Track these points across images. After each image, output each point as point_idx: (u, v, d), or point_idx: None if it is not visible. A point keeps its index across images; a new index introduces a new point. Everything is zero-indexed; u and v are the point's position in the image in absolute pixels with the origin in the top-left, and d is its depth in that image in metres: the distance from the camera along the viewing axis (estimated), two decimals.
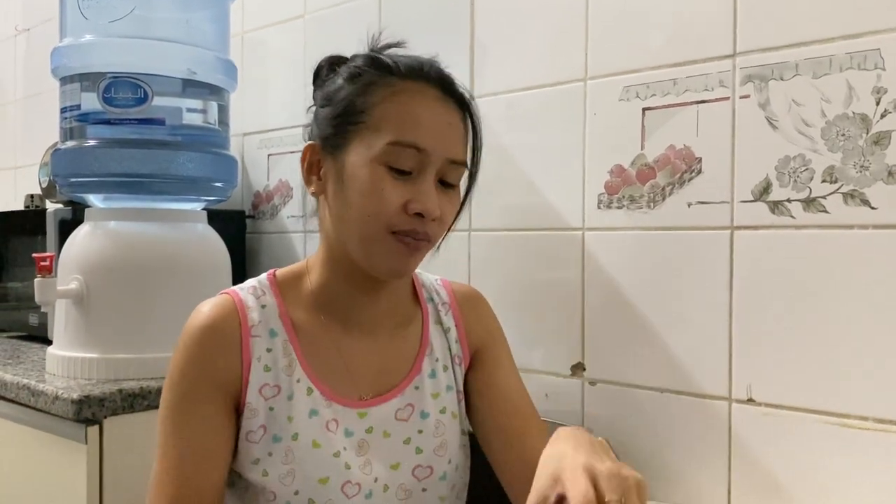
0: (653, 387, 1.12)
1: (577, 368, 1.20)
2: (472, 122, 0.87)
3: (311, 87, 0.92)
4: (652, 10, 1.12)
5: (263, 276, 0.91)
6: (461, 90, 0.86)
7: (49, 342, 1.40)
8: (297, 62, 1.68)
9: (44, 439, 1.24)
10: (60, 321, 1.33)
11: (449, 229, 0.87)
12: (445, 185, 0.84)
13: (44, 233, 1.60)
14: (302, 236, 1.68)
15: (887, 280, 0.92)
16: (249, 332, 0.84)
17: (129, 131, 1.31)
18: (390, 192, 0.79)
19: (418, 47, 0.90)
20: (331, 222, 0.85)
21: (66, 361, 1.28)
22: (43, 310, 1.32)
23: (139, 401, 1.20)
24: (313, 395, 0.84)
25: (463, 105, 0.86)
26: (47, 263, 1.25)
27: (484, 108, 1.31)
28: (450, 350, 0.93)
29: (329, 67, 0.89)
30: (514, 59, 1.29)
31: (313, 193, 0.87)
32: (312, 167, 0.86)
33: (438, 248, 0.87)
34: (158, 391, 1.22)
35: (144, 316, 1.29)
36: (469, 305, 0.98)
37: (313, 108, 0.89)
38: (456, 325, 0.95)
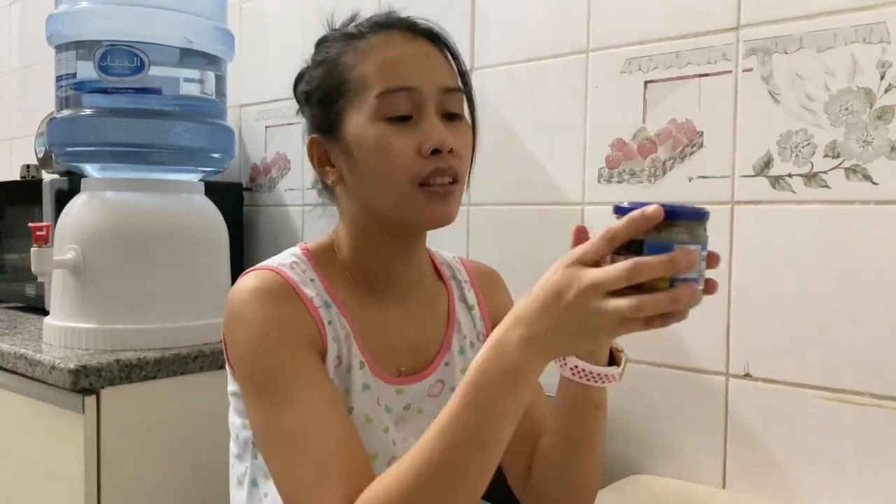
0: (650, 361, 1.12)
1: None
2: (449, 49, 0.85)
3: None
4: None
5: (297, 250, 0.87)
6: (427, 24, 0.85)
7: (46, 312, 1.40)
8: (295, 33, 1.66)
9: (41, 409, 1.25)
10: (57, 291, 1.32)
11: (472, 163, 0.85)
12: (450, 117, 0.82)
13: (40, 203, 1.59)
14: (300, 210, 1.68)
15: (887, 256, 0.92)
16: (312, 302, 0.81)
17: (126, 100, 1.29)
18: (399, 141, 0.78)
19: (418, 15, 0.88)
20: (355, 199, 0.84)
21: (64, 332, 1.28)
22: (39, 280, 1.31)
23: (136, 371, 1.20)
24: (364, 369, 0.83)
25: (433, 36, 0.84)
26: (44, 233, 1.24)
27: (485, 79, 1.31)
28: (475, 327, 0.94)
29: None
30: (515, 30, 1.27)
31: (333, 183, 0.85)
32: (322, 159, 0.85)
33: (468, 184, 0.85)
34: (156, 361, 1.22)
35: (142, 286, 1.28)
36: (488, 283, 0.98)
37: (302, 108, 0.88)
38: (478, 303, 0.95)
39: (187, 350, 1.27)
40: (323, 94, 0.83)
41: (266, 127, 1.75)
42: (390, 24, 0.83)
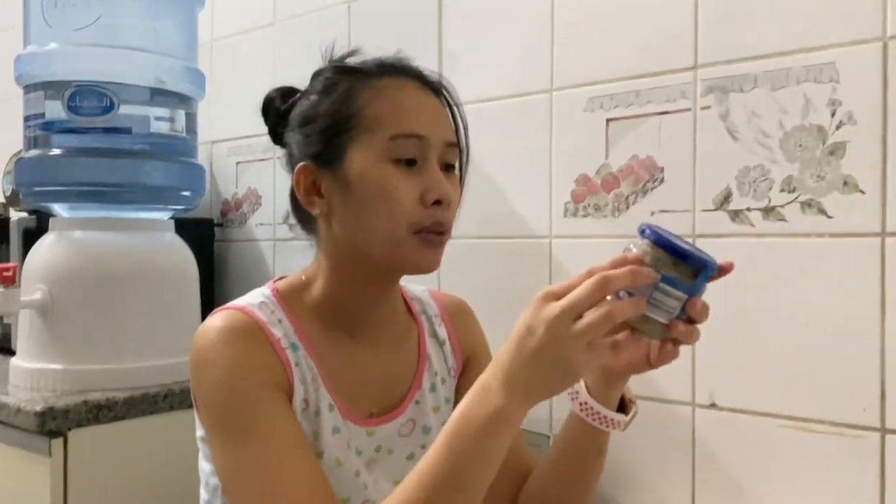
0: None
1: None
2: (452, 104, 0.88)
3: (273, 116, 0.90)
4: (615, 23, 1.14)
5: (266, 290, 0.87)
6: (435, 76, 0.88)
7: (12, 353, 1.38)
8: (266, 69, 1.67)
9: (6, 452, 1.22)
10: (24, 332, 1.31)
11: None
12: (446, 169, 0.84)
13: (7, 242, 1.58)
14: (271, 244, 1.68)
15: (842, 287, 0.95)
16: (279, 343, 0.80)
17: (95, 140, 1.30)
18: (403, 186, 0.79)
19: (387, 51, 0.90)
20: (342, 234, 0.83)
21: (30, 373, 1.27)
22: (6, 321, 1.30)
23: (105, 412, 1.19)
24: (334, 411, 0.83)
25: (440, 90, 0.87)
26: (10, 273, 1.23)
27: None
28: (446, 362, 0.94)
29: (282, 98, 0.89)
30: (482, 69, 1.30)
31: (319, 214, 0.84)
32: (311, 188, 0.84)
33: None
34: (125, 402, 1.21)
35: (110, 326, 1.27)
36: (459, 316, 0.98)
37: (290, 133, 0.87)
38: (449, 337, 0.95)
39: (157, 389, 1.26)
40: (328, 124, 0.82)
41: (237, 163, 1.76)
42: (402, 70, 0.85)
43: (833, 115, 0.96)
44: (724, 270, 0.67)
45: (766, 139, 1.01)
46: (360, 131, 0.81)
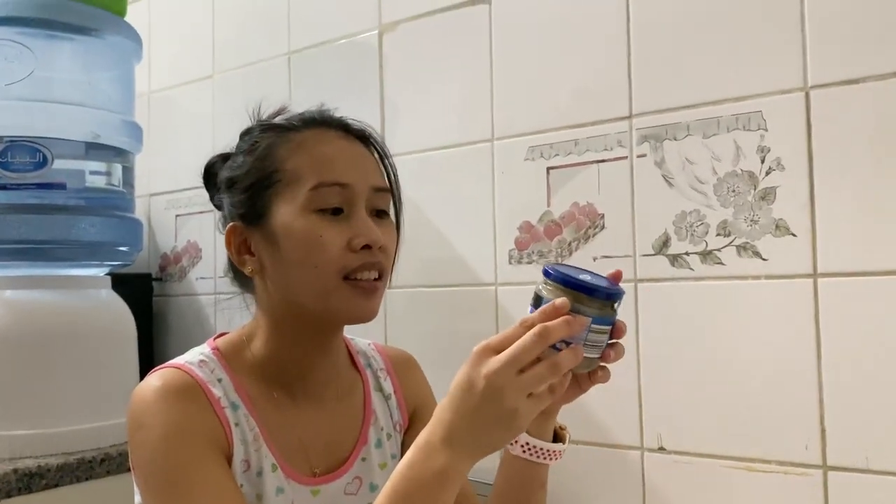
0: None
1: None
2: (379, 150, 0.88)
3: (212, 172, 0.90)
4: (552, 75, 1.17)
5: (205, 348, 0.85)
6: (360, 125, 0.87)
7: None
8: (205, 121, 1.66)
9: None
10: None
11: (394, 260, 0.86)
12: (378, 214, 0.84)
13: None
14: (212, 298, 1.65)
15: (779, 327, 0.98)
16: (219, 403, 0.79)
17: (28, 196, 1.26)
18: (329, 234, 0.78)
19: (329, 107, 0.91)
20: (275, 290, 0.82)
21: None
22: None
23: (37, 480, 1.13)
24: (277, 471, 0.80)
25: (365, 138, 0.87)
26: None
27: (397, 166, 1.34)
28: (391, 417, 0.92)
29: (221, 161, 0.88)
30: (424, 120, 1.31)
31: (251, 273, 0.83)
32: (241, 248, 0.84)
33: (390, 281, 0.86)
34: (58, 468, 1.16)
35: (43, 389, 1.22)
36: (404, 369, 0.97)
37: (221, 195, 0.87)
38: (395, 391, 0.94)
39: (93, 453, 1.21)
40: (251, 182, 0.82)
41: (176, 216, 1.73)
42: (324, 122, 0.85)
43: (763, 161, 1.00)
44: (617, 279, 0.71)
45: (700, 185, 1.04)
46: (283, 185, 0.81)
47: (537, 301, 0.67)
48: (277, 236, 0.80)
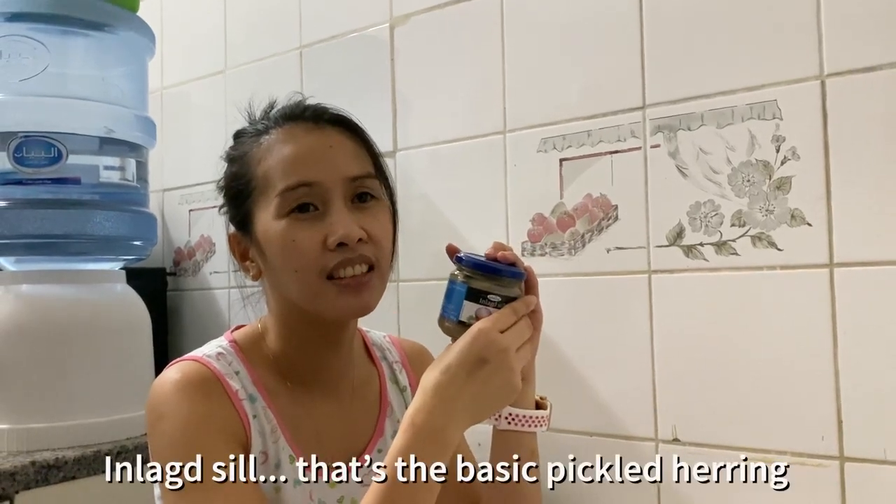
0: (583, 431, 1.13)
1: None
2: (358, 135, 0.85)
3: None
4: (565, 66, 1.16)
5: (223, 341, 0.86)
6: (333, 112, 0.85)
7: None
8: (218, 117, 1.66)
9: None
10: None
11: (394, 246, 0.85)
12: (363, 200, 0.82)
13: None
14: (226, 292, 1.65)
15: (795, 318, 0.97)
16: (237, 395, 0.79)
17: (43, 191, 1.27)
18: (302, 237, 0.78)
19: (340, 102, 0.90)
20: (274, 293, 0.84)
21: None
22: None
23: (54, 473, 1.14)
24: (295, 463, 0.81)
25: (339, 123, 0.84)
26: None
27: (409, 159, 1.34)
28: (407, 409, 0.93)
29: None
30: (436, 113, 1.31)
31: (253, 278, 0.85)
32: (243, 255, 0.86)
33: (392, 268, 0.85)
34: (75, 461, 1.17)
35: (60, 382, 1.23)
36: (419, 362, 0.97)
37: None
38: (410, 384, 0.94)
39: (109, 446, 1.21)
40: (234, 193, 0.84)
41: (190, 210, 1.73)
42: (295, 116, 0.84)
43: (778, 150, 0.99)
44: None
45: (714, 175, 1.03)
46: (258, 193, 0.81)
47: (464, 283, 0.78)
48: (262, 244, 0.81)
